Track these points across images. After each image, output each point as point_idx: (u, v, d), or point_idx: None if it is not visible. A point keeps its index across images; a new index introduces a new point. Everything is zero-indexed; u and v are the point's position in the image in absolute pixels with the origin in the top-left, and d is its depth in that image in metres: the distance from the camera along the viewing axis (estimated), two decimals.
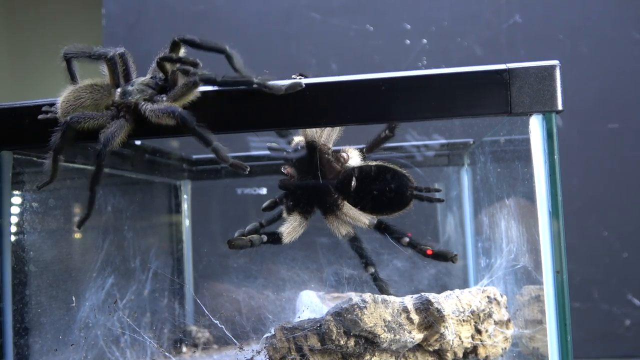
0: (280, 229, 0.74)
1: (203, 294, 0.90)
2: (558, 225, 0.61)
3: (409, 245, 0.73)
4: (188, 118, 0.58)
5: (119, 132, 0.60)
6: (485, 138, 0.88)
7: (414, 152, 0.98)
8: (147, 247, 0.97)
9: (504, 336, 0.75)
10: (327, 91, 0.61)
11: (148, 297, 0.92)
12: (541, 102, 0.60)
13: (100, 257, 0.84)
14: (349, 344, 0.67)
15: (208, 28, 1.25)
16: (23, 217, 0.72)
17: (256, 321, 0.79)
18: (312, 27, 1.24)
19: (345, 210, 0.75)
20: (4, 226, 0.67)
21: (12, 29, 2.21)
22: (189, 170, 1.09)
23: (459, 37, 1.21)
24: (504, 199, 0.79)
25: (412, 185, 0.74)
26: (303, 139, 0.77)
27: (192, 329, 0.95)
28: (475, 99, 0.60)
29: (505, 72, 0.60)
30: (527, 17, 1.20)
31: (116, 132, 0.59)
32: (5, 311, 0.67)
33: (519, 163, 0.69)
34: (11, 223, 0.69)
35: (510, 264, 0.77)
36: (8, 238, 0.68)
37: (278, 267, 0.90)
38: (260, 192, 1.04)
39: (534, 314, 0.74)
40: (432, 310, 0.69)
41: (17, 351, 0.68)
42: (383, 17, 1.23)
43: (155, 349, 0.80)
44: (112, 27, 1.27)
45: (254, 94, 0.61)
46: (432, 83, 0.60)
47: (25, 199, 0.72)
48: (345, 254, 0.84)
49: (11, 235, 0.69)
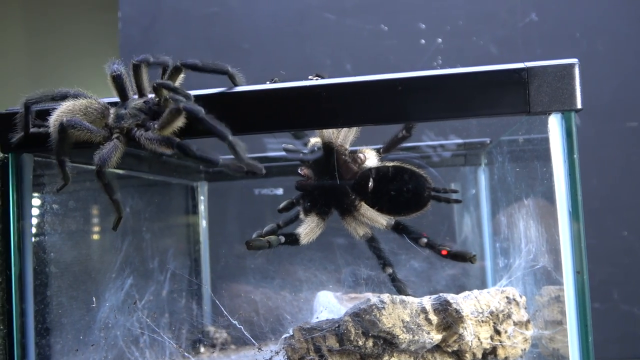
0: (298, 230, 0.74)
1: (221, 295, 0.90)
2: (578, 225, 0.60)
3: (427, 245, 0.73)
4: (187, 147, 0.58)
5: (114, 153, 0.61)
6: (503, 137, 0.87)
7: (431, 152, 0.98)
8: (164, 248, 0.97)
9: (524, 337, 0.74)
10: (344, 92, 0.61)
11: (166, 297, 0.93)
12: (560, 101, 0.60)
13: (119, 258, 0.85)
14: (368, 345, 0.66)
15: (222, 30, 1.25)
16: (44, 219, 0.73)
17: (274, 322, 0.80)
18: (326, 28, 1.24)
19: (363, 211, 0.75)
20: (25, 228, 0.68)
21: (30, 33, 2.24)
22: (205, 171, 1.09)
23: (474, 36, 1.20)
24: (522, 198, 0.78)
25: (429, 186, 0.74)
26: (320, 140, 0.77)
27: (210, 329, 0.95)
28: (493, 98, 0.60)
29: (524, 71, 0.59)
30: (543, 16, 1.19)
31: (111, 154, 0.60)
32: (27, 312, 0.68)
33: (538, 162, 0.69)
34: (32, 225, 0.70)
35: (529, 265, 0.77)
36: (29, 239, 0.69)
37: (295, 267, 0.90)
38: (276, 192, 1.04)
39: (554, 315, 0.74)
40: (450, 311, 0.69)
41: (38, 351, 0.69)
42: (397, 17, 1.22)
43: (174, 349, 0.81)
44: (127, 29, 1.28)
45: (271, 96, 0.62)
46: (449, 83, 0.60)
47: (45, 201, 0.73)
48: (363, 255, 0.83)
49: (32, 236, 0.69)
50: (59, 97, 0.65)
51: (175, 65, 0.65)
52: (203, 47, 1.25)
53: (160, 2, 1.27)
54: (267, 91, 0.62)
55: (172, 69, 0.66)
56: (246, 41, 1.24)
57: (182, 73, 0.66)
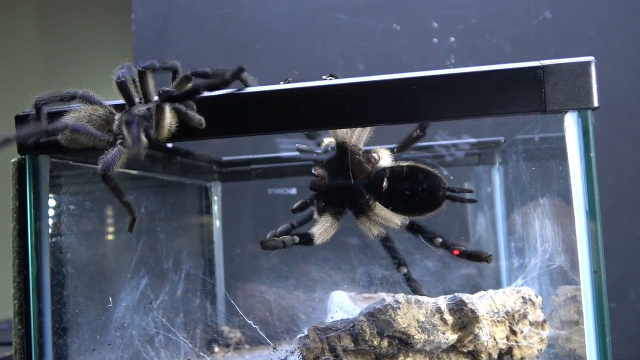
0: (312, 230, 0.74)
1: (235, 295, 0.90)
2: (595, 224, 0.60)
3: (442, 245, 0.73)
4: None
5: (118, 158, 0.61)
6: (518, 136, 0.87)
7: (444, 151, 0.97)
8: (179, 248, 0.98)
9: (540, 337, 0.74)
10: (358, 91, 0.61)
11: (181, 297, 0.93)
12: (576, 99, 0.59)
13: (135, 259, 0.86)
14: (383, 345, 0.66)
15: (234, 31, 1.26)
16: (60, 220, 0.73)
17: (288, 321, 0.80)
18: (338, 28, 1.23)
19: (377, 211, 0.74)
20: (42, 228, 0.69)
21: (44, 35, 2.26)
22: (219, 172, 1.10)
23: (487, 34, 1.19)
24: (537, 197, 0.78)
25: (444, 186, 0.73)
26: (333, 140, 0.77)
27: (224, 329, 0.96)
28: (508, 97, 0.59)
29: (539, 69, 0.59)
30: (557, 13, 1.18)
31: (115, 159, 0.61)
32: (44, 311, 0.68)
33: (553, 161, 0.68)
34: (49, 225, 0.70)
35: (545, 264, 0.76)
36: (46, 240, 0.69)
37: (309, 267, 0.90)
38: (290, 192, 1.04)
39: (570, 315, 0.73)
40: (466, 311, 0.69)
41: (56, 350, 0.70)
42: (409, 16, 1.22)
43: (189, 349, 0.81)
44: (141, 31, 1.29)
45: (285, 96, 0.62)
46: (464, 82, 0.60)
47: (62, 202, 0.74)
48: (377, 255, 0.83)
49: (49, 237, 0.70)
50: (67, 98, 0.66)
51: (185, 75, 0.66)
52: (216, 48, 1.26)
53: (173, 3, 1.28)
54: (282, 91, 0.62)
55: (182, 78, 0.66)
56: (258, 42, 1.24)
57: (191, 82, 0.66)
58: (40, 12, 2.28)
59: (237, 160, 1.08)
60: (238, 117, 0.63)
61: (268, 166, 1.06)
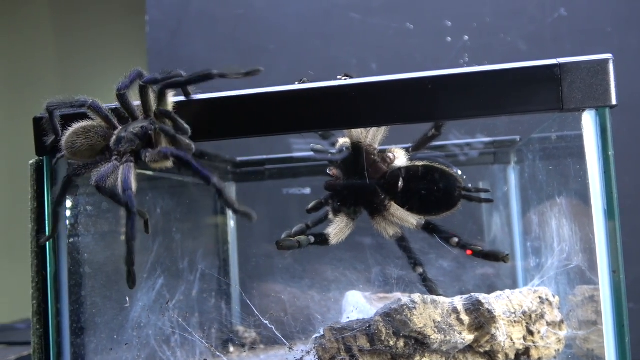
0: (327, 230, 0.74)
1: (250, 295, 0.91)
2: (614, 224, 0.59)
3: (458, 245, 0.72)
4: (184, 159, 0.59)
5: (111, 173, 0.61)
6: (534, 135, 0.86)
7: (459, 151, 0.97)
8: (194, 249, 0.98)
9: (557, 337, 0.73)
10: (374, 91, 0.61)
11: (196, 297, 0.94)
12: (594, 97, 0.59)
13: (151, 259, 0.86)
14: (399, 345, 0.66)
15: (247, 32, 1.26)
16: (78, 220, 0.74)
17: (304, 321, 0.80)
18: (351, 27, 1.23)
19: (393, 211, 0.74)
20: (60, 229, 0.69)
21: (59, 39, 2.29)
22: (233, 172, 1.10)
23: (502, 32, 1.18)
24: (554, 197, 0.77)
25: (460, 186, 0.73)
26: (348, 140, 0.77)
27: (239, 329, 0.96)
28: (525, 95, 0.59)
29: (557, 67, 0.58)
30: (573, 10, 1.17)
31: (108, 173, 0.61)
32: (62, 311, 0.69)
33: (571, 160, 0.68)
34: (67, 226, 0.71)
35: (562, 264, 0.75)
36: (64, 240, 0.70)
37: (324, 267, 0.90)
38: (304, 192, 1.04)
39: (588, 315, 0.73)
40: (482, 311, 0.68)
41: (74, 350, 0.70)
42: (423, 15, 1.22)
43: (204, 349, 0.81)
44: (155, 33, 1.30)
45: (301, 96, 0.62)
46: (481, 80, 0.59)
47: (79, 203, 0.74)
48: (391, 255, 0.83)
49: (67, 237, 0.71)
50: (77, 105, 0.66)
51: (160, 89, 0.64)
52: (229, 49, 1.26)
53: (187, 5, 1.28)
54: (297, 92, 0.62)
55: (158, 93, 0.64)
56: (272, 42, 1.24)
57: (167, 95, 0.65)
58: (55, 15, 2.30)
59: (251, 161, 1.09)
60: (253, 117, 0.63)
61: (282, 166, 1.07)
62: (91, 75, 2.19)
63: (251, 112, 0.63)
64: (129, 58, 2.12)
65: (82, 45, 2.23)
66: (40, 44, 2.29)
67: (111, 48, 2.17)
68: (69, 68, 2.25)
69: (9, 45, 2.31)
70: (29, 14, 2.30)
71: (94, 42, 2.21)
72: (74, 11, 2.26)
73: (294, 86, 0.63)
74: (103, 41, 2.19)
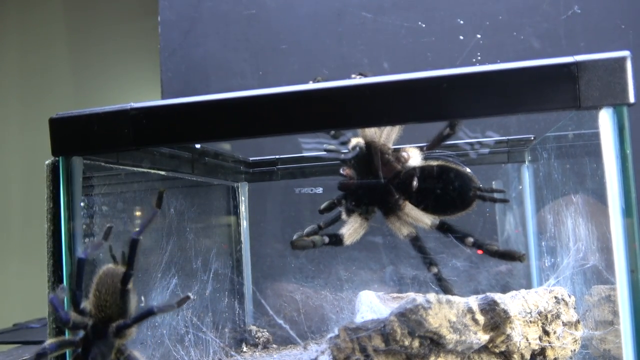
0: (341, 231, 0.74)
1: (264, 294, 0.91)
2: (632, 222, 0.58)
3: (474, 245, 0.72)
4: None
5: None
6: (549, 133, 0.85)
7: (472, 149, 0.96)
8: (207, 248, 0.98)
9: (573, 338, 0.72)
10: (388, 90, 0.61)
11: (209, 297, 0.94)
12: (612, 95, 0.58)
13: (165, 258, 0.86)
14: (414, 345, 0.66)
15: (260, 31, 1.26)
16: (93, 220, 0.74)
17: (317, 321, 0.80)
18: (363, 26, 1.23)
19: (407, 211, 0.74)
20: (76, 228, 0.70)
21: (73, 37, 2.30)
22: (245, 172, 1.10)
23: (515, 30, 1.18)
24: (570, 195, 0.76)
25: (475, 185, 0.72)
26: (362, 139, 0.77)
27: (252, 328, 0.96)
28: (542, 93, 0.58)
29: (574, 65, 0.58)
30: (587, 7, 1.16)
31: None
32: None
33: (587, 158, 0.67)
34: (82, 225, 0.71)
35: (578, 264, 0.75)
36: (80, 240, 0.70)
37: (337, 267, 0.90)
38: (316, 191, 1.04)
39: (605, 315, 0.72)
40: (498, 311, 0.68)
41: None
42: (435, 14, 1.21)
43: (217, 348, 0.82)
44: (167, 33, 1.31)
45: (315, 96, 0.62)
46: (497, 79, 0.59)
47: (95, 203, 0.75)
48: (405, 254, 0.83)
49: (83, 237, 0.71)
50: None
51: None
52: (242, 49, 1.26)
53: (199, 5, 1.29)
54: (312, 91, 0.62)
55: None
56: (284, 42, 1.24)
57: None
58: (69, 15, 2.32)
59: (264, 161, 1.09)
60: (267, 117, 0.63)
61: (294, 166, 1.07)
62: (104, 76, 2.20)
63: (265, 111, 0.63)
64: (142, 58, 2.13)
65: (96, 45, 2.25)
66: (54, 45, 2.31)
67: (124, 48, 2.19)
68: (83, 68, 2.27)
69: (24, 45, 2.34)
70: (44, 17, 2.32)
71: (108, 43, 2.22)
72: (88, 12, 2.28)
73: (309, 85, 0.63)
74: (116, 41, 2.21)
